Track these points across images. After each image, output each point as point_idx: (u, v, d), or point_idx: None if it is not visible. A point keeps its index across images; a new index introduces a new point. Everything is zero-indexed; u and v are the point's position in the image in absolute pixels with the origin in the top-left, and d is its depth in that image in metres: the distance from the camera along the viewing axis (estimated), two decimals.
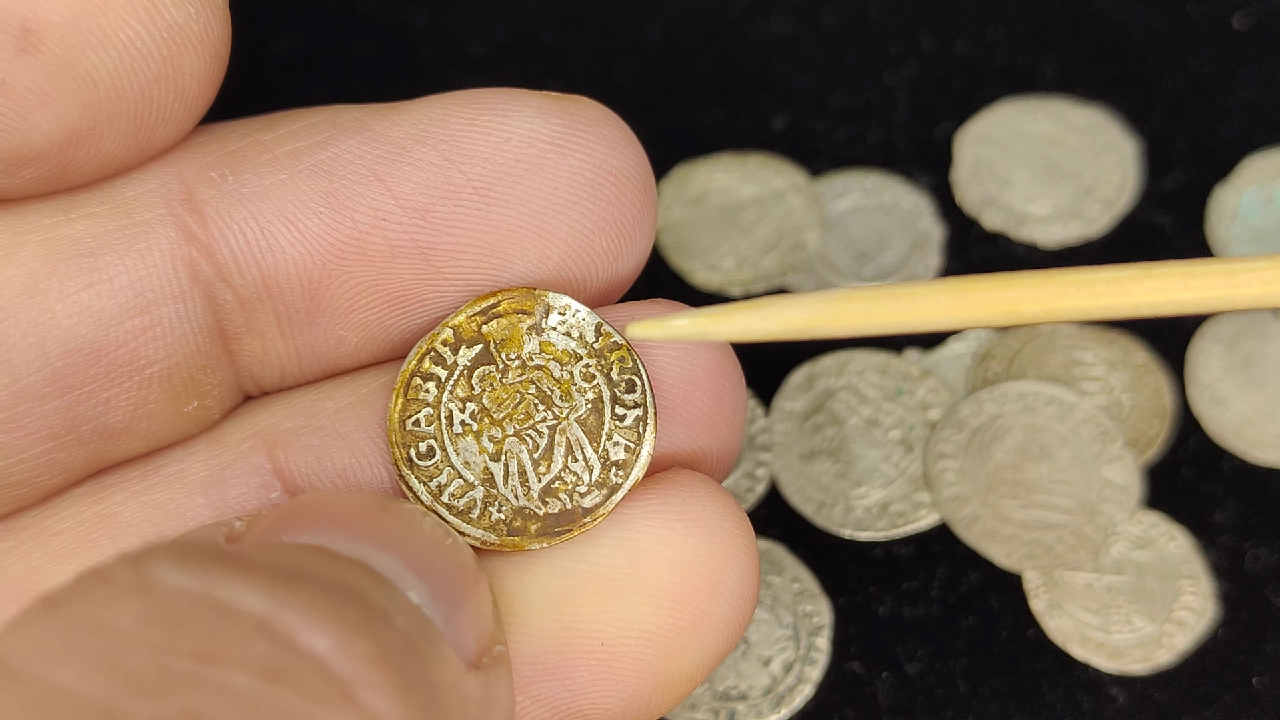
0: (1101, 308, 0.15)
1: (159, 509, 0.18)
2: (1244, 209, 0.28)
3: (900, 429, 0.25)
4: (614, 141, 0.18)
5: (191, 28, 0.17)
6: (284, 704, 0.12)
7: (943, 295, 0.15)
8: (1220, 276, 0.15)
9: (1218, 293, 0.15)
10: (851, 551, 0.25)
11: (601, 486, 0.18)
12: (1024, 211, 0.28)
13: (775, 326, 0.15)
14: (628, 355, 0.18)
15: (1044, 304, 0.15)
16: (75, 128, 0.16)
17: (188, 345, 0.18)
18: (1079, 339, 0.26)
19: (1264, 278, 0.15)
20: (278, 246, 0.18)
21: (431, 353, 0.18)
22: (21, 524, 0.18)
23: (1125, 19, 0.30)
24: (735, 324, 0.15)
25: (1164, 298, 0.15)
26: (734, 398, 0.19)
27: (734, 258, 0.27)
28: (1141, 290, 0.15)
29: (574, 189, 0.18)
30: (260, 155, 0.18)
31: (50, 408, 0.17)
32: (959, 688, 0.23)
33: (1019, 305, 0.15)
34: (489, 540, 0.18)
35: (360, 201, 0.18)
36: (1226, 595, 0.24)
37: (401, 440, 0.18)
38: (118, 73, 0.16)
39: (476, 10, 0.31)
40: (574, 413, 0.18)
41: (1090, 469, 0.25)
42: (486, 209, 0.18)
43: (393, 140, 0.18)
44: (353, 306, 0.18)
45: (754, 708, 0.23)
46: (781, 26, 0.31)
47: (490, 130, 0.18)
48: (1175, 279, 0.15)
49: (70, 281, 0.17)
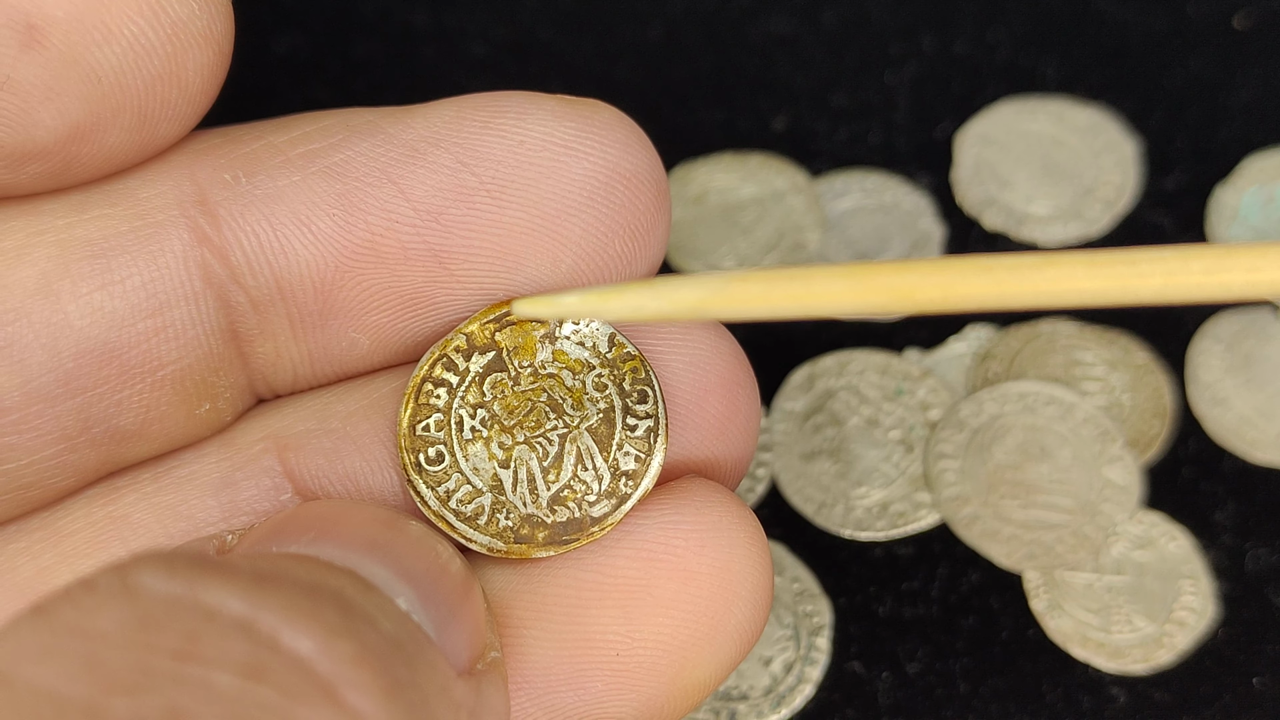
0: (1001, 294, 0.15)
1: (170, 511, 0.18)
2: (1244, 209, 0.28)
3: (900, 429, 0.25)
4: (628, 145, 0.18)
5: (195, 23, 0.17)
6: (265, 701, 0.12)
7: (839, 279, 0.15)
8: (1124, 266, 0.15)
9: (1121, 282, 0.15)
10: (851, 551, 0.25)
11: (610, 496, 0.18)
12: (1024, 212, 0.28)
13: (667, 306, 0.15)
14: (640, 366, 0.18)
15: (943, 290, 0.14)
16: (79, 123, 0.17)
17: (200, 347, 0.18)
18: (1079, 339, 0.26)
19: (1168, 268, 0.15)
20: (290, 248, 0.18)
21: (444, 359, 0.18)
22: (33, 525, 0.18)
23: (1125, 19, 0.30)
24: (626, 302, 0.15)
25: (1066, 286, 0.15)
26: (748, 405, 0.19)
27: (734, 258, 0.27)
28: (1042, 278, 0.15)
29: (587, 192, 0.18)
30: (274, 157, 0.18)
31: (62, 409, 0.17)
32: (959, 688, 0.23)
33: (917, 291, 0.14)
34: (495, 547, 0.18)
35: (373, 204, 0.18)
36: (1226, 595, 0.24)
37: (411, 445, 0.18)
38: (122, 68, 0.16)
39: (477, 10, 0.31)
40: (585, 422, 0.18)
41: (1090, 469, 0.25)
42: (500, 212, 0.18)
43: (406, 143, 0.18)
44: (365, 308, 0.18)
45: (754, 708, 0.23)
46: (781, 26, 0.31)
47: (504, 133, 0.18)
48: (1078, 267, 0.15)
49: (83, 282, 0.17)
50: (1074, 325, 0.26)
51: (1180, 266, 0.15)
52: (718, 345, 0.19)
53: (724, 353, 0.19)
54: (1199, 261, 0.15)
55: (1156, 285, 0.15)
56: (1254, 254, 0.15)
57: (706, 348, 0.19)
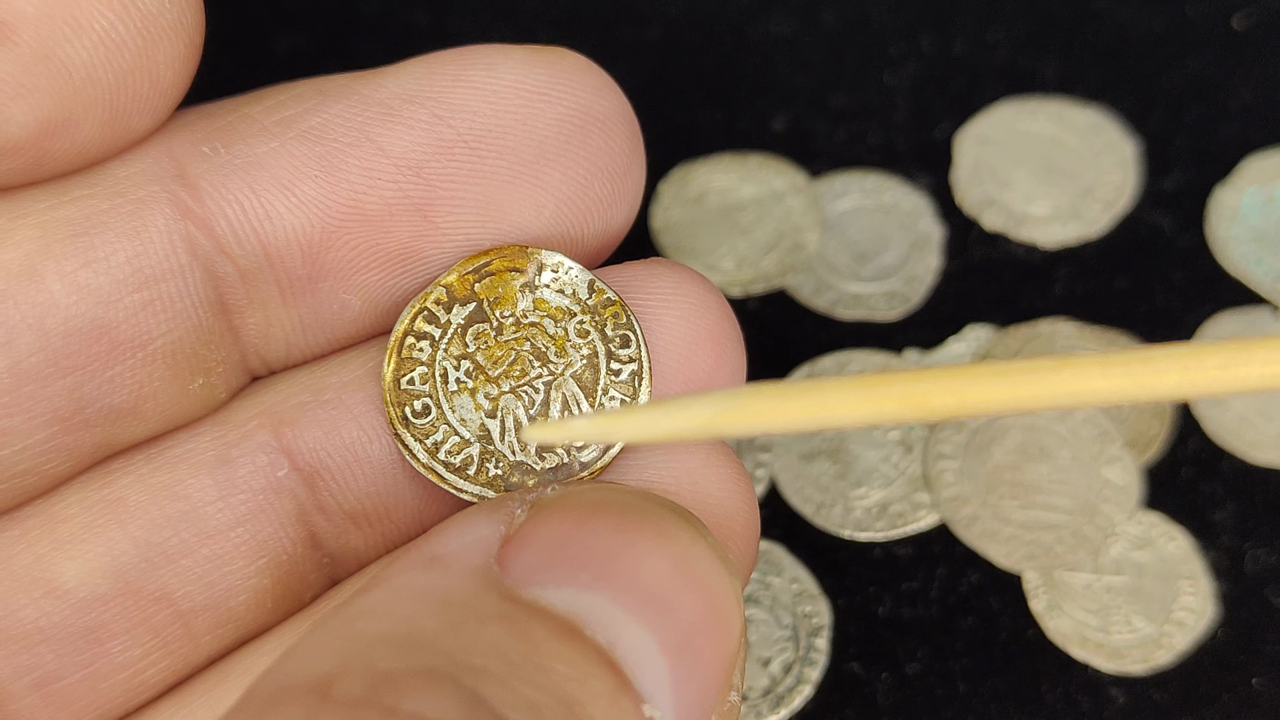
0: (1017, 398, 0.15)
1: (165, 490, 0.18)
2: (1244, 209, 0.28)
3: (900, 429, 0.25)
4: (599, 89, 0.18)
5: (165, 17, 0.17)
6: None
7: (852, 392, 0.15)
8: (1139, 365, 0.15)
9: (1137, 381, 0.15)
10: (851, 552, 0.25)
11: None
12: (1024, 212, 0.28)
13: (679, 426, 0.15)
14: (621, 311, 0.18)
15: (957, 397, 0.15)
16: (51, 119, 0.17)
17: (189, 320, 0.18)
18: (1079, 339, 0.26)
19: (1183, 364, 0.15)
20: (275, 214, 0.18)
21: (424, 311, 0.18)
22: (27, 513, 0.18)
23: (1125, 19, 0.30)
24: (637, 423, 0.15)
25: (1081, 387, 0.15)
26: (735, 357, 0.19)
27: (733, 258, 0.27)
28: (1058, 381, 0.15)
29: (564, 136, 0.18)
30: (250, 127, 0.18)
31: (54, 389, 0.17)
32: (959, 688, 0.23)
33: (931, 399, 0.15)
34: (486, 496, 0.18)
35: (354, 163, 0.18)
36: (1226, 595, 0.24)
37: (397, 399, 0.18)
38: (93, 63, 0.16)
39: (477, 11, 0.31)
40: (569, 369, 0.18)
41: (1090, 469, 0.25)
42: (480, 162, 0.18)
43: (381, 102, 0.18)
44: (354, 268, 0.18)
45: (754, 708, 0.23)
46: (781, 27, 0.31)
47: (476, 85, 0.18)
48: (1093, 369, 0.15)
49: (66, 261, 0.17)
50: (1074, 325, 0.26)
51: (1196, 363, 0.15)
52: (706, 300, 0.19)
53: (712, 307, 0.19)
54: (1214, 357, 0.15)
55: (1173, 383, 0.15)
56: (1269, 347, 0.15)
57: (695, 302, 0.19)
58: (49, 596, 0.18)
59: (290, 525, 0.19)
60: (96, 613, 0.18)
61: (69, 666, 0.18)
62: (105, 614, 0.18)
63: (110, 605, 0.18)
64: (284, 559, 0.19)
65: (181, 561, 0.18)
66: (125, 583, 0.18)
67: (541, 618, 0.14)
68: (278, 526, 0.19)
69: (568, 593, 0.15)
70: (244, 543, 0.18)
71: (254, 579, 0.19)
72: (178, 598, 0.18)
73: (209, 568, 0.18)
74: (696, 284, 0.19)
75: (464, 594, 0.14)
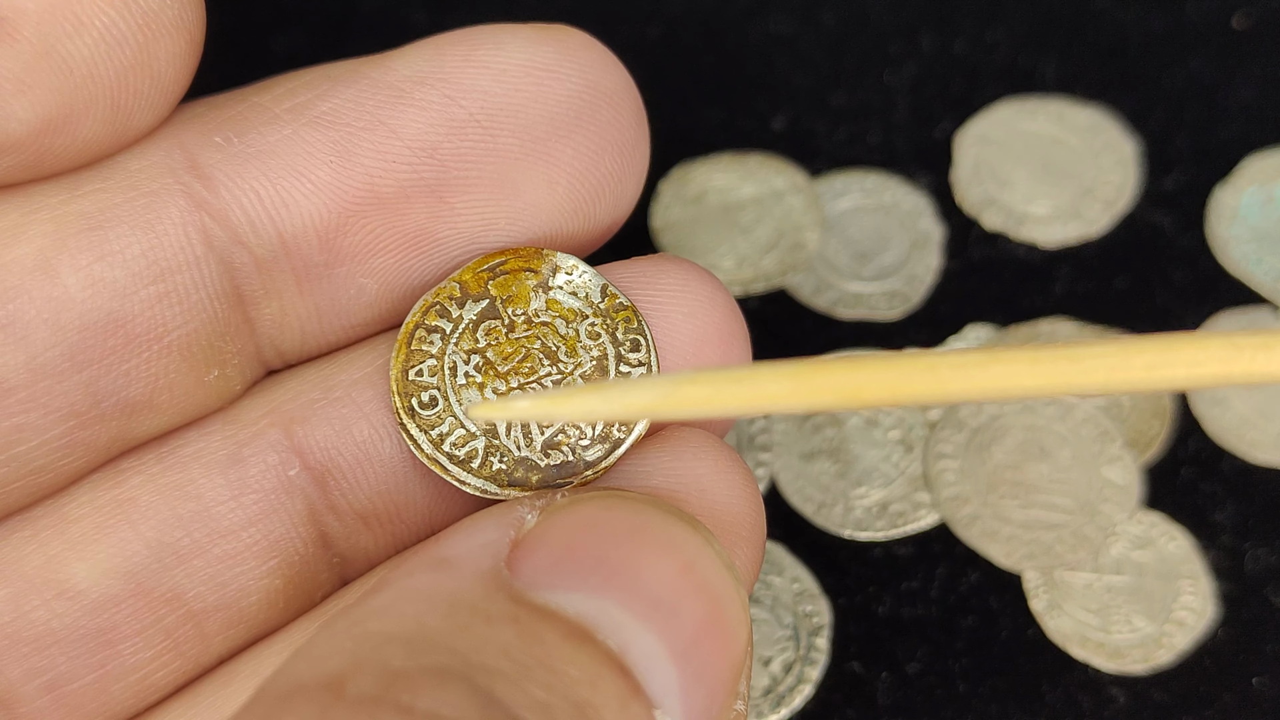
0: (947, 392, 0.15)
1: (177, 490, 0.18)
2: (1244, 209, 0.28)
3: (900, 429, 0.25)
4: (605, 65, 0.19)
5: (166, 13, 0.17)
6: None
7: (786, 380, 0.15)
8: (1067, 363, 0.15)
9: (1065, 379, 0.15)
10: (851, 551, 0.25)
11: (604, 441, 0.18)
12: (1024, 211, 0.28)
13: (617, 408, 0.15)
14: (633, 316, 0.19)
15: (888, 389, 0.15)
16: (52, 115, 0.17)
17: (204, 311, 0.18)
18: (1079, 339, 0.26)
19: (1110, 364, 0.15)
20: (291, 200, 0.18)
21: (436, 305, 0.18)
22: (38, 514, 0.18)
23: (1125, 19, 0.30)
24: (578, 405, 0.15)
25: (1010, 384, 0.15)
26: (741, 354, 0.19)
27: (733, 257, 0.27)
28: (986, 376, 0.15)
29: (574, 112, 0.18)
30: (261, 115, 0.18)
31: (70, 384, 0.17)
32: (959, 688, 0.23)
33: (863, 390, 0.15)
34: (489, 490, 0.18)
35: (367, 147, 0.18)
36: (1226, 595, 0.24)
37: (404, 390, 0.18)
38: (94, 59, 0.16)
39: (477, 10, 0.31)
40: (579, 369, 0.18)
41: (1090, 469, 0.25)
42: (492, 140, 0.18)
43: (391, 84, 0.18)
44: (370, 252, 0.18)
45: (754, 708, 0.23)
46: (781, 26, 0.31)
47: (485, 64, 0.18)
48: (1021, 365, 0.15)
49: (81, 255, 0.17)
50: (1074, 325, 0.26)
51: (1122, 363, 0.15)
52: (713, 297, 0.19)
53: (719, 305, 0.19)
54: (1141, 357, 0.15)
55: (1100, 381, 0.15)
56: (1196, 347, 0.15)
57: (703, 298, 0.19)
58: (61, 598, 0.18)
59: (301, 525, 0.19)
60: (108, 614, 0.18)
61: (81, 669, 0.18)
62: (117, 615, 0.18)
63: (122, 606, 0.18)
64: (295, 559, 0.19)
65: (193, 562, 0.18)
66: (137, 583, 0.18)
67: (551, 621, 0.14)
68: (289, 526, 0.19)
69: (577, 597, 0.15)
70: (255, 543, 0.18)
71: (266, 579, 0.19)
72: (189, 598, 0.18)
73: (221, 568, 0.18)
74: (704, 281, 0.19)
75: (473, 596, 0.14)
